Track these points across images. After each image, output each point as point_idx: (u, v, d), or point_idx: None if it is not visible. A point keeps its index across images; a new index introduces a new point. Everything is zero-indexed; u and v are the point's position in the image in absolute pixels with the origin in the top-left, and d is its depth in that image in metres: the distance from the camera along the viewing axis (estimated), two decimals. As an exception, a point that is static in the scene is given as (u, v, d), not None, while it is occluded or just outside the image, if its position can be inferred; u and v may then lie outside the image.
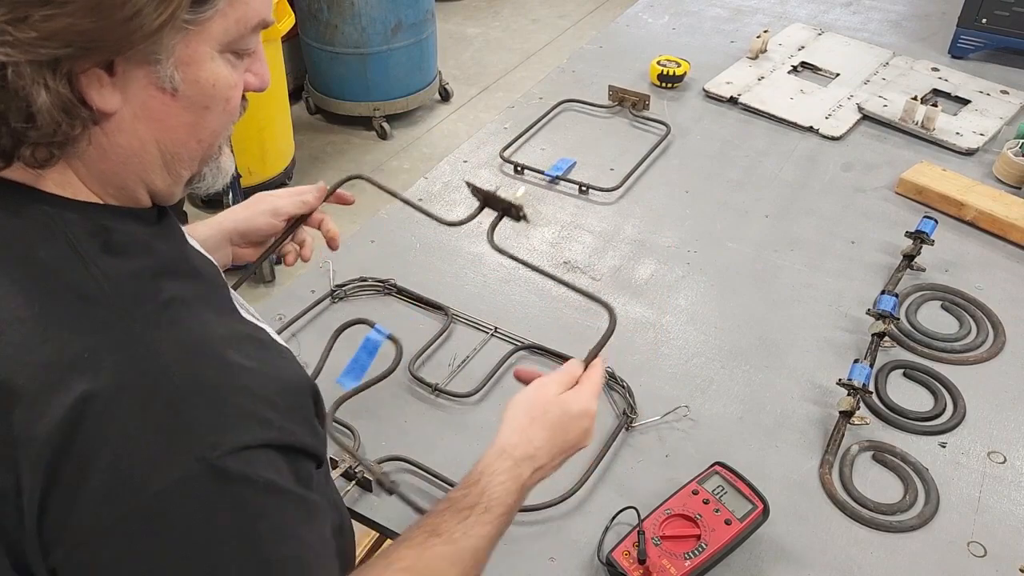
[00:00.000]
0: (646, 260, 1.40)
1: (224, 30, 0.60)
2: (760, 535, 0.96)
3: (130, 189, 0.64)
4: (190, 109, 0.62)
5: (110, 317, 0.56)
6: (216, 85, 0.62)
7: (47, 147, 0.57)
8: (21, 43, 0.52)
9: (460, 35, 4.52)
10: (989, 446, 1.09)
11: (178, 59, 0.59)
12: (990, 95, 1.80)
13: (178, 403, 0.54)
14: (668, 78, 1.83)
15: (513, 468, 0.77)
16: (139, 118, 0.60)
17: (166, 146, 0.63)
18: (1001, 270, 1.37)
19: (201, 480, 0.53)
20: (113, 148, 0.61)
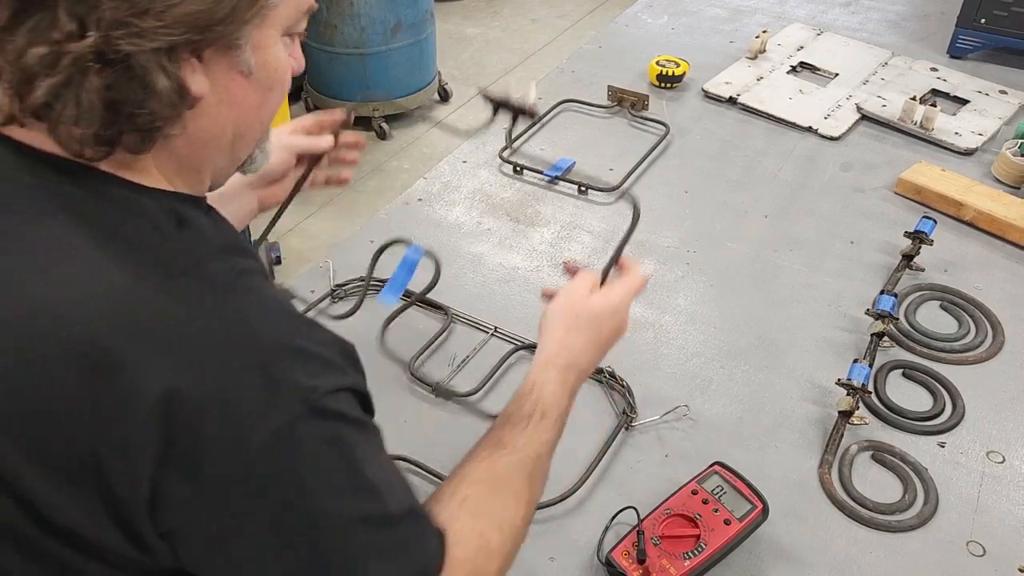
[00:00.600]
0: (645, 260, 1.40)
1: (287, 15, 0.65)
2: (759, 535, 0.96)
3: (203, 173, 0.69)
4: (258, 91, 0.66)
5: (196, 287, 0.59)
6: (279, 67, 0.67)
7: (149, 132, 0.61)
8: (145, 32, 0.56)
9: (459, 35, 4.52)
10: (988, 446, 1.09)
11: (254, 44, 0.63)
12: (989, 95, 1.80)
13: (274, 360, 0.58)
14: (667, 78, 1.83)
15: (559, 376, 0.83)
16: (222, 102, 0.64)
17: (238, 128, 0.67)
18: (1000, 270, 1.37)
19: (308, 419, 0.58)
20: (198, 132, 0.64)
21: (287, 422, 0.57)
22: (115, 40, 0.56)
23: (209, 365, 0.56)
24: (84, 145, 0.59)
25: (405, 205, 1.53)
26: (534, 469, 0.78)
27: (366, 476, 0.61)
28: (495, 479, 0.75)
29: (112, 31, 0.55)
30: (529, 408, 0.80)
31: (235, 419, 0.56)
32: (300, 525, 0.58)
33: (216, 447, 0.56)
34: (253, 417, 0.56)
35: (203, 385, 0.56)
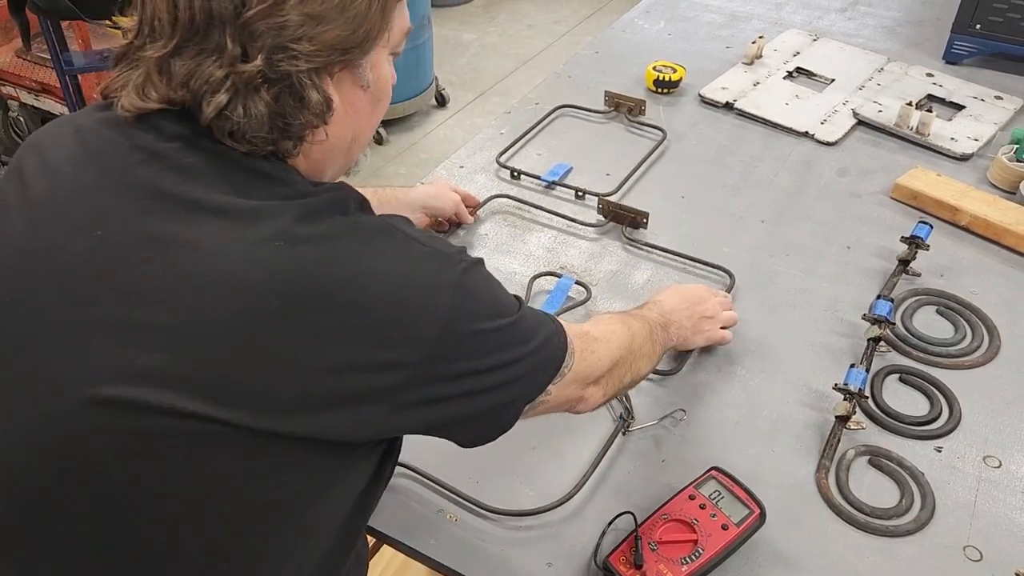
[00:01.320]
0: (642, 265, 1.40)
1: (394, 37, 0.77)
2: (757, 540, 0.96)
3: (323, 173, 0.79)
4: (371, 102, 0.78)
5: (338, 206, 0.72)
6: (387, 81, 0.79)
7: (300, 139, 0.72)
8: (301, 55, 0.68)
9: (456, 40, 4.53)
10: (984, 450, 1.09)
11: (371, 62, 0.75)
12: (984, 101, 1.81)
13: (424, 241, 0.72)
14: (664, 83, 1.84)
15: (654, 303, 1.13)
16: (348, 112, 0.75)
17: (356, 135, 0.79)
18: (996, 275, 1.38)
19: (468, 271, 0.73)
20: (330, 139, 0.75)
21: (458, 278, 0.71)
22: (277, 62, 0.67)
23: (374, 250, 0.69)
24: (253, 146, 0.70)
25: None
26: (650, 328, 1.03)
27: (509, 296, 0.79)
28: (623, 316, 1.03)
29: (274, 55, 0.67)
30: (642, 308, 1.11)
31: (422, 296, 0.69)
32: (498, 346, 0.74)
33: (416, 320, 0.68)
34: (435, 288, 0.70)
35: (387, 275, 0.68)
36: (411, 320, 0.68)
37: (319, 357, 0.65)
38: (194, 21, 0.67)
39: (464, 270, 0.72)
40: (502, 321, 0.75)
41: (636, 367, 0.99)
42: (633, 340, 0.98)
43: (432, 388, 0.70)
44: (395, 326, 0.67)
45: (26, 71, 2.96)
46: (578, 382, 0.88)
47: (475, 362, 0.72)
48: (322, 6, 0.68)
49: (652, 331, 1.04)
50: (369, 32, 0.71)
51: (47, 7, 2.28)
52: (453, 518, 1.01)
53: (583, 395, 0.90)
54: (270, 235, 0.66)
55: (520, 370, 0.77)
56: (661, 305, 1.12)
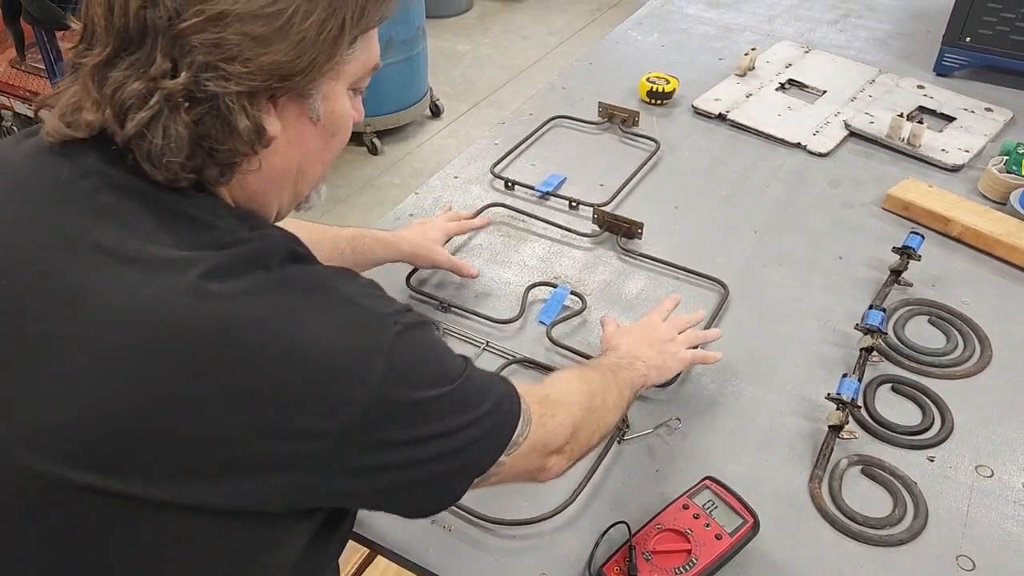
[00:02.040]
0: (636, 275, 1.40)
1: (354, 71, 0.72)
2: (750, 549, 0.96)
3: (269, 207, 0.75)
4: (323, 136, 0.73)
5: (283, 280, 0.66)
6: (343, 116, 0.74)
7: (228, 167, 0.67)
8: (232, 76, 0.63)
9: (450, 52, 4.54)
10: (977, 460, 1.09)
11: (323, 93, 0.70)
12: (975, 112, 1.82)
13: (356, 300, 0.67)
14: (657, 95, 1.85)
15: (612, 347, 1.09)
16: (291, 143, 0.71)
17: (302, 167, 0.74)
18: (987, 285, 1.39)
19: (404, 336, 0.67)
20: (269, 170, 0.71)
21: (390, 343, 0.65)
22: (204, 81, 0.63)
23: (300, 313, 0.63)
24: (171, 172, 0.65)
25: (396, 220, 1.53)
26: (611, 377, 0.98)
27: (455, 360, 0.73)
28: (581, 370, 0.99)
29: (202, 73, 0.62)
30: (599, 354, 1.08)
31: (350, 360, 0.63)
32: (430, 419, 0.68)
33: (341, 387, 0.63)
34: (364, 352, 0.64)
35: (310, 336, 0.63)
36: (334, 386, 0.62)
37: (227, 423, 0.60)
38: (127, 29, 0.63)
39: (399, 333, 0.66)
40: (442, 389, 0.69)
41: (603, 423, 0.93)
42: (594, 397, 0.92)
43: (359, 458, 0.65)
44: (315, 392, 0.62)
45: (20, 81, 2.97)
46: (537, 451, 0.81)
47: (409, 431, 0.66)
48: (264, 27, 0.63)
49: (613, 379, 0.98)
50: (315, 61, 0.66)
51: (41, 17, 2.29)
52: (447, 528, 1.01)
53: (544, 464, 0.84)
54: (181, 289, 0.61)
55: (464, 439, 0.71)
56: (617, 348, 1.08)
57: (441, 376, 0.70)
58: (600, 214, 1.48)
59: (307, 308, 0.64)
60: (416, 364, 0.68)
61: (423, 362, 0.69)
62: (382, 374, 0.64)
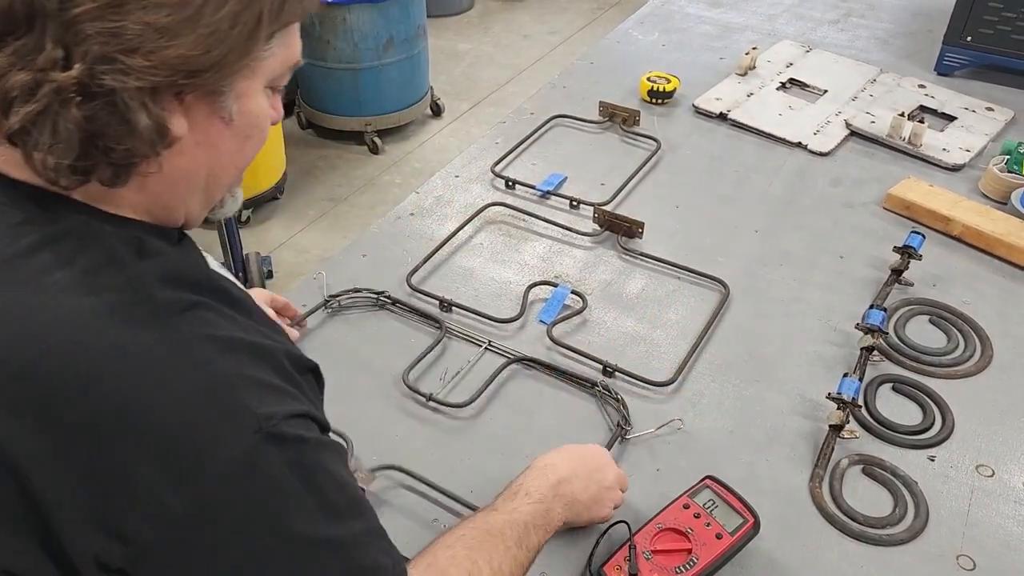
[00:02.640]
0: (637, 274, 1.40)
1: (272, 68, 0.67)
2: (751, 549, 0.96)
3: (173, 211, 0.68)
4: (237, 138, 0.67)
5: (148, 315, 0.60)
6: (260, 116, 0.68)
7: (124, 167, 0.61)
8: (132, 70, 0.56)
9: (451, 51, 4.54)
10: (977, 459, 1.09)
11: (237, 92, 0.64)
12: (976, 112, 1.82)
13: (227, 388, 0.59)
14: (658, 94, 1.84)
15: (538, 473, 0.94)
16: (199, 144, 0.65)
17: (212, 171, 0.68)
18: (987, 284, 1.38)
19: (265, 447, 0.59)
20: (173, 171, 0.64)
21: (245, 450, 0.58)
22: (100, 74, 0.56)
23: (164, 392, 0.57)
24: (58, 174, 0.59)
25: (397, 219, 1.53)
26: (523, 533, 0.84)
27: (330, 501, 0.63)
28: (489, 528, 0.83)
29: (98, 65, 0.56)
30: (515, 489, 0.91)
31: (193, 449, 0.56)
32: (265, 549, 0.59)
33: (173, 477, 0.56)
34: (212, 447, 0.57)
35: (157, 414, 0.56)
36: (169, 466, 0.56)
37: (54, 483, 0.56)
38: (12, 9, 0.55)
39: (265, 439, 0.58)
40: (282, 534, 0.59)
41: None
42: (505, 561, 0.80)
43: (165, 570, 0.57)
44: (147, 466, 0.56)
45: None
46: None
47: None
48: (169, 17, 0.56)
49: (521, 538, 0.84)
50: (226, 56, 0.60)
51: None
52: (443, 526, 1.00)
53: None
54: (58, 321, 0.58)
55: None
56: (552, 472, 0.94)
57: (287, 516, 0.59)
58: (601, 213, 1.48)
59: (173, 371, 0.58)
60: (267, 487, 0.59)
61: (276, 489, 0.59)
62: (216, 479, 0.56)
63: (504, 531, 0.83)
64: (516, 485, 0.92)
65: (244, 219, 3.10)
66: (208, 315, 0.63)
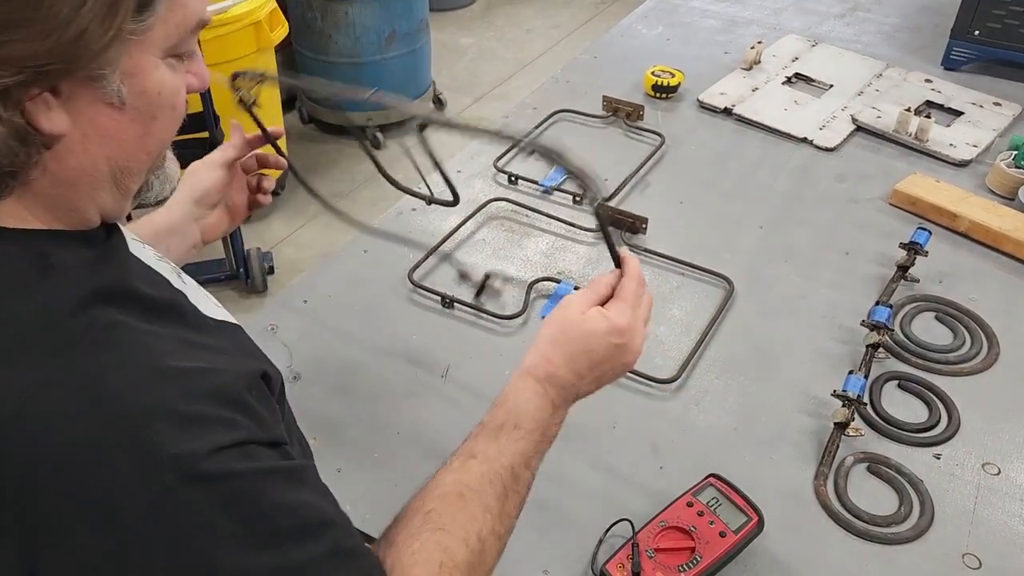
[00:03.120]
0: (640, 270, 1.39)
1: (165, 36, 0.59)
2: (755, 547, 0.95)
3: (81, 211, 0.62)
4: (138, 121, 0.61)
5: (51, 349, 0.54)
6: (162, 93, 0.61)
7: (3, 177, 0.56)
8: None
9: (454, 45, 4.53)
10: (983, 458, 1.09)
11: (123, 72, 0.57)
12: (983, 107, 1.81)
13: (140, 427, 0.53)
14: (662, 88, 1.83)
15: (536, 387, 0.78)
16: (89, 137, 0.59)
17: (116, 162, 0.61)
18: (994, 281, 1.37)
19: (184, 488, 0.53)
20: (64, 172, 0.59)
21: (159, 495, 0.52)
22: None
23: (69, 438, 0.52)
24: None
25: (399, 215, 1.52)
26: (508, 481, 0.74)
27: (272, 528, 0.57)
28: (463, 491, 0.72)
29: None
30: (502, 417, 0.76)
31: (104, 496, 0.52)
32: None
33: (89, 519, 0.52)
34: (124, 493, 0.52)
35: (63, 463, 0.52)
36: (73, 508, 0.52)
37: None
38: None
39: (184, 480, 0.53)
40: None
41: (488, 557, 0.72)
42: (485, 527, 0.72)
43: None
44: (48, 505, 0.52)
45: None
46: None
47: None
48: (6, 10, 0.51)
49: (507, 487, 0.74)
50: (82, 41, 0.53)
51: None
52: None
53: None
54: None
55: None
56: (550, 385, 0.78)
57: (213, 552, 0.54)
58: (604, 209, 1.47)
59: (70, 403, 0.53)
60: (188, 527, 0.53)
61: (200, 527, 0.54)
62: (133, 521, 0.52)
63: (484, 489, 0.72)
64: (503, 411, 0.77)
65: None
66: (125, 337, 0.57)
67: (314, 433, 1.06)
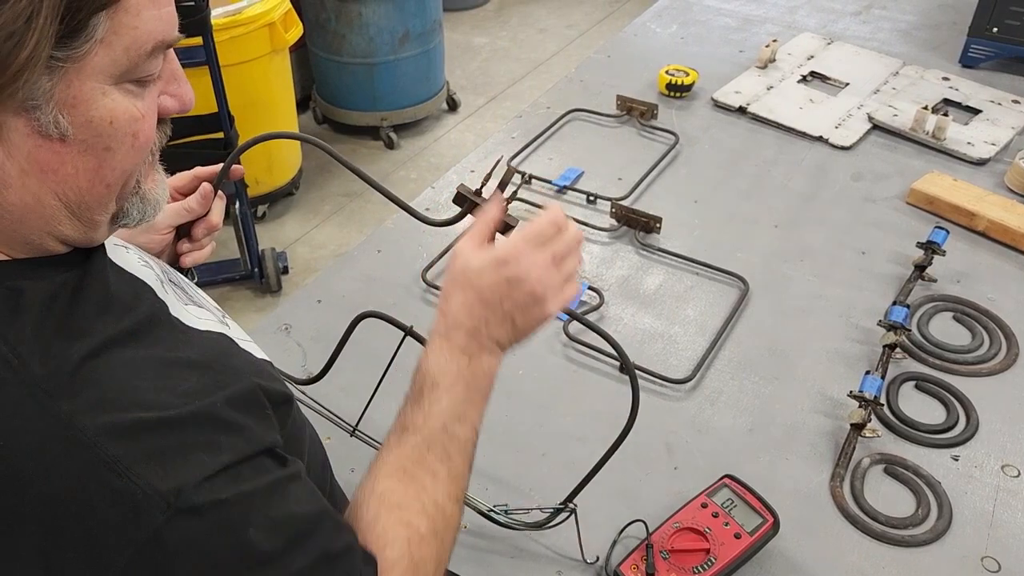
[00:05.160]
0: (655, 270, 1.39)
1: (112, 61, 0.54)
2: (770, 549, 0.95)
3: (36, 243, 0.58)
4: (88, 153, 0.55)
5: (24, 397, 0.52)
6: (114, 122, 0.56)
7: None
8: None
9: (467, 45, 4.53)
10: (1003, 459, 1.07)
11: (59, 101, 0.53)
12: (1001, 105, 1.79)
13: (121, 473, 0.52)
14: (676, 87, 1.82)
15: (441, 341, 0.75)
16: (27, 172, 0.54)
17: (68, 197, 0.57)
18: (1013, 281, 1.36)
19: (176, 522, 0.52)
20: (4, 207, 0.55)
21: (150, 535, 0.52)
22: None
23: (47, 492, 0.51)
24: None
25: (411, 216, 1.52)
26: (445, 441, 0.72)
27: (259, 552, 0.56)
28: (405, 465, 0.71)
29: None
30: (419, 382, 0.74)
31: (96, 544, 0.51)
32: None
33: (86, 563, 0.51)
34: (116, 537, 0.51)
35: (46, 516, 0.51)
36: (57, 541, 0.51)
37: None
38: None
39: (177, 515, 0.52)
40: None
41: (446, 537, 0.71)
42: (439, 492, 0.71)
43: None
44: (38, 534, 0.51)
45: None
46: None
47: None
48: None
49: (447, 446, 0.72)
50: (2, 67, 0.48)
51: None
52: (464, 526, 1.00)
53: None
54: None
55: None
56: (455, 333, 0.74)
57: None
58: (618, 208, 1.46)
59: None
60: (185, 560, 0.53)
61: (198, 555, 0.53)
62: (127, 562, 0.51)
63: (423, 458, 0.71)
64: (419, 377, 0.74)
65: (260, 215, 3.11)
66: (105, 370, 0.55)
67: (327, 432, 1.06)
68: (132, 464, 0.52)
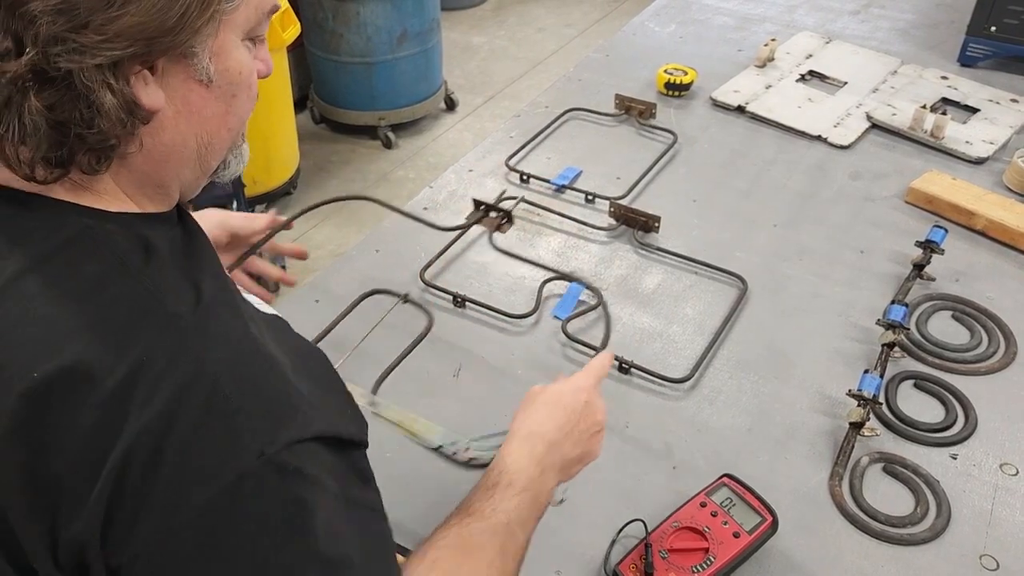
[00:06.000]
0: (653, 269, 1.39)
1: (247, 18, 0.62)
2: (769, 548, 0.95)
3: (166, 187, 0.66)
4: (222, 99, 0.63)
5: (161, 326, 0.57)
6: (242, 72, 0.64)
7: (103, 151, 0.58)
8: (86, 48, 0.53)
9: (466, 44, 4.53)
10: (1001, 458, 1.07)
11: (212, 50, 0.60)
12: (999, 104, 1.79)
13: (232, 410, 0.56)
14: (675, 86, 1.82)
15: (522, 445, 0.82)
16: (180, 114, 0.61)
17: (202, 138, 0.64)
18: (1012, 280, 1.36)
19: (262, 474, 0.55)
20: (157, 147, 0.62)
21: (240, 475, 0.55)
22: (53, 57, 0.53)
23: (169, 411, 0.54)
24: (34, 167, 0.57)
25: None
26: (506, 538, 0.75)
27: (319, 551, 0.57)
28: (465, 544, 0.73)
29: (50, 47, 0.53)
30: (495, 477, 0.79)
31: (192, 468, 0.54)
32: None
33: (167, 495, 0.54)
34: (211, 468, 0.55)
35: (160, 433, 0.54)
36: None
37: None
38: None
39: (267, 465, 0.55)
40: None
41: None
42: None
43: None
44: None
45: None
46: None
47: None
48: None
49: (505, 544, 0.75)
50: (185, 15, 0.56)
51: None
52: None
53: None
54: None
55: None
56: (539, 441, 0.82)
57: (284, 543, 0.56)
58: (616, 208, 1.46)
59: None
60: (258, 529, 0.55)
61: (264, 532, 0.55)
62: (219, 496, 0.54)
63: (484, 545, 0.73)
64: (495, 472, 0.80)
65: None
66: (218, 312, 0.60)
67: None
68: (245, 409, 0.56)
